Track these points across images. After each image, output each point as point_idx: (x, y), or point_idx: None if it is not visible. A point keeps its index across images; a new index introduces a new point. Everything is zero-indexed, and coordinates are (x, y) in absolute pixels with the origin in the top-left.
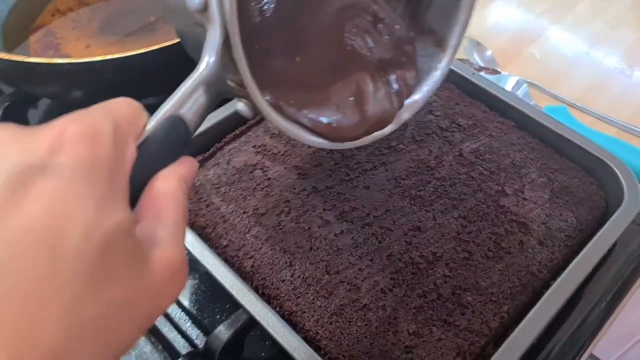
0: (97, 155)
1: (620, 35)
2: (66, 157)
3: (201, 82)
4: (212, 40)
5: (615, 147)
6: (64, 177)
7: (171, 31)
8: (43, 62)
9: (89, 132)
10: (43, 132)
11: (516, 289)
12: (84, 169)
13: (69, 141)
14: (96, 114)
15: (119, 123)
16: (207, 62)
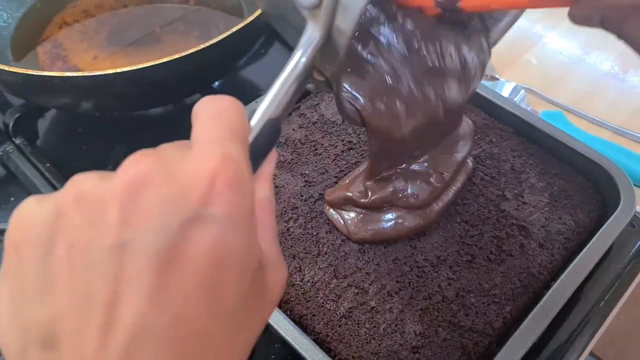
0: (243, 201)
1: (614, 40)
2: (219, 208)
3: (294, 80)
4: (311, 39)
5: (610, 150)
6: (219, 229)
7: (177, 42)
8: (56, 75)
9: (236, 179)
10: (192, 176)
11: (518, 290)
12: (234, 216)
13: (221, 192)
14: (228, 145)
15: (244, 147)
16: (303, 60)
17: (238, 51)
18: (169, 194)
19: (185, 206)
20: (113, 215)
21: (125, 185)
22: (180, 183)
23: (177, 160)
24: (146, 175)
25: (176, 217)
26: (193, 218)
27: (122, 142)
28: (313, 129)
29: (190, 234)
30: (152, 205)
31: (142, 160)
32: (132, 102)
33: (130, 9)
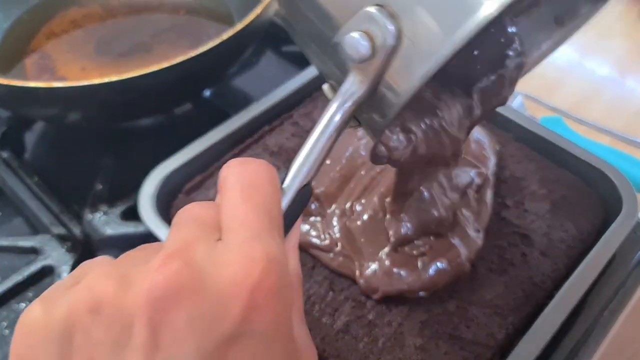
0: (286, 309)
1: (612, 44)
2: (260, 323)
3: (330, 136)
4: (352, 92)
5: (609, 155)
6: (260, 345)
7: (166, 51)
8: (42, 86)
9: (278, 287)
10: (230, 286)
11: (520, 300)
12: (277, 328)
13: (263, 304)
14: (267, 240)
15: (281, 233)
16: (341, 114)
17: (228, 59)
18: (204, 309)
19: (223, 324)
20: (141, 335)
21: (153, 298)
22: (216, 295)
23: (209, 262)
24: (176, 285)
25: (213, 338)
26: (232, 337)
27: (111, 154)
28: (306, 137)
29: (229, 354)
30: (185, 324)
31: (170, 264)
32: (120, 112)
33: (119, 19)
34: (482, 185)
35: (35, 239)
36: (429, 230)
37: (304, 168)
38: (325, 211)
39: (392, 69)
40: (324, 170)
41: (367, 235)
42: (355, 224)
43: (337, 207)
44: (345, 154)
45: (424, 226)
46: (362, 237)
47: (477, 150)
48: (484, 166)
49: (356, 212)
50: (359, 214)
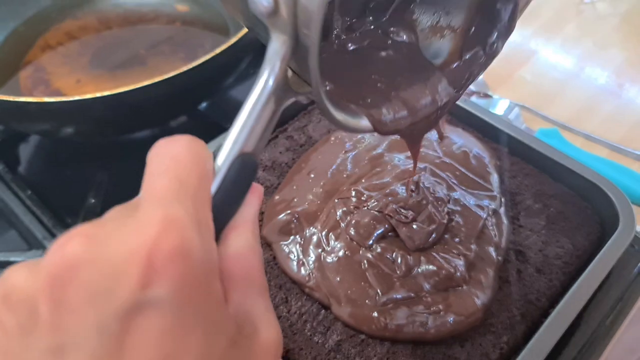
0: (192, 274)
1: (609, 55)
2: (161, 289)
3: (265, 102)
4: (277, 50)
5: (607, 168)
6: (166, 314)
7: (162, 64)
8: (33, 101)
9: (179, 250)
10: (127, 255)
11: (515, 318)
12: (184, 296)
13: (161, 269)
14: (172, 205)
15: (196, 201)
16: (272, 77)
17: (224, 72)
18: (100, 281)
19: (121, 294)
20: (43, 315)
21: (51, 276)
22: (112, 265)
23: (113, 233)
24: (74, 259)
25: (112, 310)
26: (133, 306)
27: (106, 167)
28: (300, 151)
29: (132, 327)
30: (81, 299)
31: (71, 242)
32: (114, 126)
33: (115, 31)
34: (495, 209)
35: (27, 254)
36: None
37: (240, 137)
38: (304, 232)
39: (299, 8)
40: (306, 185)
41: (342, 275)
42: (330, 259)
43: (315, 232)
44: (331, 168)
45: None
46: (337, 277)
47: (478, 166)
48: (488, 183)
49: (331, 245)
50: (333, 248)
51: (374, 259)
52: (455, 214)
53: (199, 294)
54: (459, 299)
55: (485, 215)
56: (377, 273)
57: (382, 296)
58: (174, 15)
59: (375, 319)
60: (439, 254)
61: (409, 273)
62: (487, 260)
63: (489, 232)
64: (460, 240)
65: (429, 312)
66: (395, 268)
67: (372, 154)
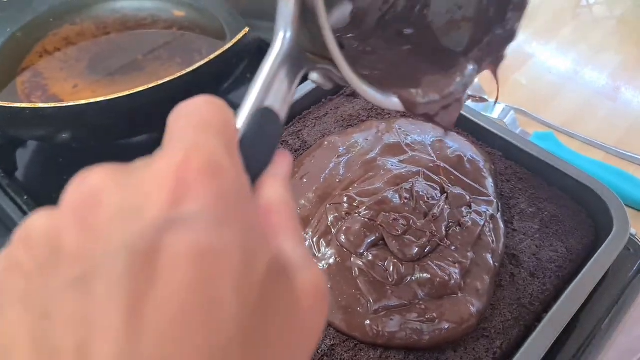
0: (226, 190)
1: (605, 58)
2: (195, 204)
3: (282, 62)
4: (286, 11)
5: (603, 171)
6: (200, 232)
7: (159, 69)
8: (28, 107)
9: (210, 165)
10: (154, 176)
11: (508, 323)
12: (219, 213)
13: (193, 184)
14: (198, 136)
15: (222, 136)
16: (284, 38)
17: (220, 76)
18: (128, 202)
19: (151, 210)
20: (67, 245)
21: (75, 206)
22: (140, 187)
23: (138, 168)
24: (97, 188)
25: (140, 227)
26: (164, 223)
27: None
28: (295, 156)
29: (163, 245)
30: (109, 221)
31: (91, 174)
32: (110, 132)
33: (113, 36)
34: (493, 214)
35: None
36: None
37: (262, 91)
38: None
39: None
40: (299, 189)
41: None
42: (320, 266)
43: (307, 238)
44: (324, 173)
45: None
46: (327, 284)
47: (473, 170)
48: (483, 187)
49: (322, 252)
50: (324, 255)
51: (365, 266)
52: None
53: (235, 212)
54: (454, 306)
55: (483, 222)
56: (368, 281)
57: (373, 304)
58: (171, 20)
59: (367, 327)
60: (434, 262)
61: (401, 281)
62: (483, 267)
63: (486, 239)
64: (457, 248)
65: (423, 319)
66: (387, 276)
67: (365, 159)
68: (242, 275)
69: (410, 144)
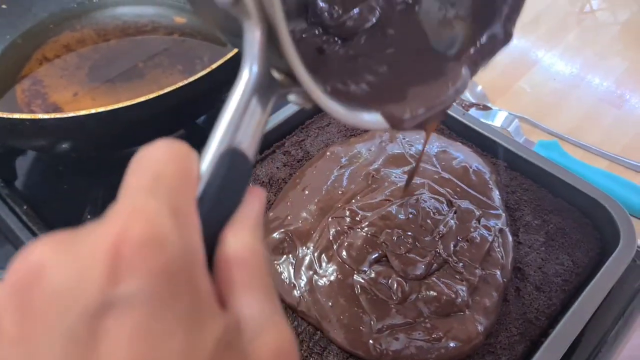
0: (168, 264)
1: (610, 65)
2: (134, 282)
3: (251, 93)
4: (250, 39)
5: (608, 181)
6: (139, 315)
7: (160, 76)
8: (27, 118)
9: (150, 237)
10: (94, 249)
11: (514, 338)
12: (159, 291)
13: (131, 259)
14: (142, 198)
15: (173, 194)
16: (251, 68)
17: (222, 85)
18: (68, 279)
19: (88, 292)
20: (7, 326)
21: (14, 285)
22: (78, 263)
23: (82, 234)
24: (38, 264)
25: (78, 311)
26: (101, 307)
27: (104, 181)
28: (298, 167)
29: (102, 329)
30: (46, 303)
31: (35, 249)
32: (110, 142)
33: (113, 42)
34: (502, 228)
35: None
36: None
37: (228, 131)
38: (297, 252)
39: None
40: (300, 201)
41: (334, 300)
42: (321, 282)
43: (308, 253)
44: (326, 184)
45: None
46: (329, 301)
47: (479, 182)
48: (490, 199)
49: (323, 267)
50: (325, 271)
51: (368, 284)
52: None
53: (178, 288)
54: (461, 324)
55: (492, 238)
56: (371, 299)
57: (377, 323)
58: (171, 27)
59: (371, 346)
60: (440, 279)
61: (405, 300)
62: (492, 284)
63: (495, 255)
64: (465, 265)
65: (429, 338)
66: (391, 294)
67: (368, 170)
68: (186, 356)
69: (415, 155)
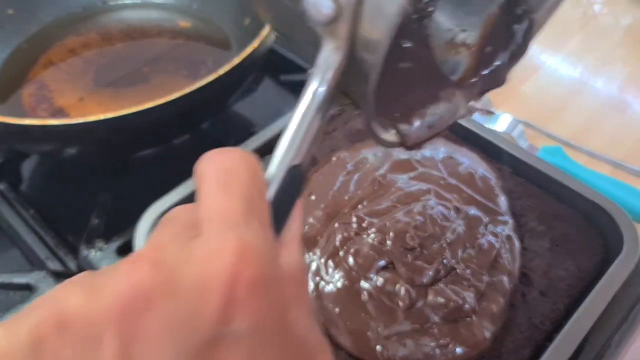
0: (273, 304)
1: (613, 70)
2: (243, 321)
3: (315, 112)
4: (330, 61)
5: (612, 187)
6: (246, 349)
7: (165, 81)
8: (36, 124)
9: (260, 280)
10: (205, 285)
11: (519, 342)
12: (264, 330)
13: (242, 299)
14: (244, 230)
15: (266, 225)
16: (322, 89)
17: (226, 92)
18: (178, 311)
19: (201, 326)
20: (110, 347)
21: (120, 307)
22: (189, 294)
23: (182, 260)
24: (146, 290)
25: (191, 343)
26: (213, 340)
27: (111, 185)
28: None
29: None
30: (157, 332)
31: (137, 267)
32: (117, 148)
33: (118, 47)
34: (509, 234)
35: (30, 275)
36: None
37: (291, 150)
38: (304, 258)
39: (364, 23)
40: (307, 207)
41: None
42: (328, 289)
43: (315, 259)
44: (332, 190)
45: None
46: (335, 307)
47: (485, 188)
48: (497, 205)
49: (330, 274)
50: (332, 277)
51: (375, 291)
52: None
53: (278, 327)
54: (468, 330)
55: (499, 245)
56: (378, 305)
57: (384, 329)
58: (176, 31)
59: (378, 352)
60: (447, 286)
61: (412, 306)
62: (499, 290)
63: (502, 261)
64: (472, 271)
65: (436, 344)
66: (398, 301)
67: (374, 175)
68: None
69: (420, 160)
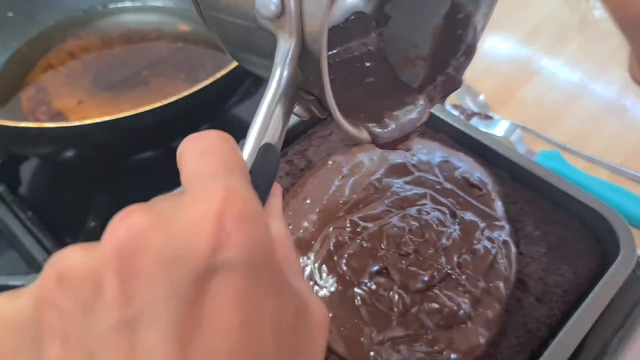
0: (258, 238)
1: (612, 75)
2: (234, 251)
3: (279, 100)
4: (286, 50)
5: (609, 192)
6: (241, 276)
7: (164, 85)
8: (33, 126)
9: (246, 213)
10: (196, 222)
11: (515, 348)
12: (255, 260)
13: (232, 232)
14: (229, 178)
15: (245, 176)
16: (281, 75)
17: (225, 95)
18: (171, 247)
19: (195, 258)
20: (111, 288)
21: (118, 249)
22: (182, 232)
23: (171, 209)
24: (139, 231)
25: (186, 274)
26: (207, 271)
27: (108, 187)
28: (300, 176)
29: (208, 291)
30: (154, 266)
31: (132, 216)
32: (115, 151)
33: (117, 50)
34: (505, 240)
35: (27, 277)
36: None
37: (263, 130)
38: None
39: (305, 12)
40: (302, 211)
41: (334, 311)
42: (322, 293)
43: (309, 263)
44: (327, 194)
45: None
46: (329, 313)
47: (482, 193)
48: (493, 210)
49: (324, 278)
50: (326, 282)
51: (368, 296)
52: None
53: (267, 261)
54: (463, 336)
55: (495, 251)
56: (371, 311)
57: (378, 335)
58: (176, 35)
59: (371, 358)
60: (442, 292)
61: (406, 312)
62: (495, 295)
63: (499, 267)
64: (467, 277)
65: (430, 350)
66: (392, 306)
67: (370, 180)
68: (277, 319)
69: (417, 165)
